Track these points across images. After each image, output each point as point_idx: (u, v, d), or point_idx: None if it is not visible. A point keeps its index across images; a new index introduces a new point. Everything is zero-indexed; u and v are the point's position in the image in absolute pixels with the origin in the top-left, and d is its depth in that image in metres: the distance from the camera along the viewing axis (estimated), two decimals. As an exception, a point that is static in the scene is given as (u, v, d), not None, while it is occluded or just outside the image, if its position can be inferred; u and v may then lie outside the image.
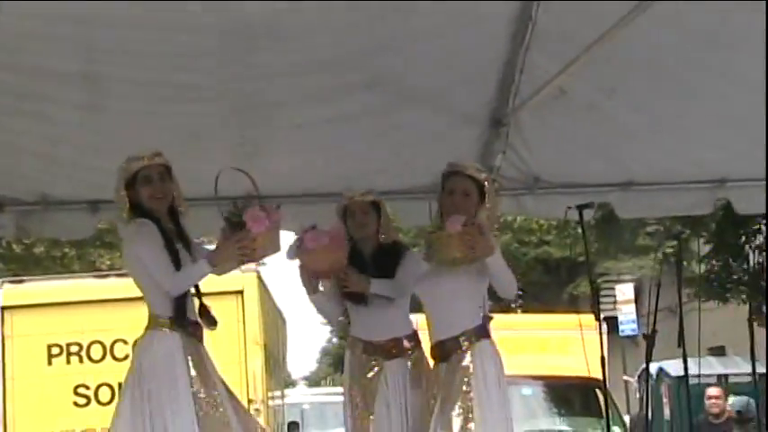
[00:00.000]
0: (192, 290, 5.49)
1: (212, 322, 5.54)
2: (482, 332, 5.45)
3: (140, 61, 6.24)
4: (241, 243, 5.20)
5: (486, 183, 5.53)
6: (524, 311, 25.38)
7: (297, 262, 5.93)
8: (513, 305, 27.77)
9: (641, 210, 8.30)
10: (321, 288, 6.05)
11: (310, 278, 5.91)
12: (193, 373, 5.24)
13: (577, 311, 9.22)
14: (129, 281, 13.99)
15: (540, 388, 13.17)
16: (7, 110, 6.63)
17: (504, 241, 25.03)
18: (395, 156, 7.33)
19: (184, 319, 5.32)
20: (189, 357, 5.27)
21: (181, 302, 5.30)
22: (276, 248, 5.40)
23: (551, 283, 25.27)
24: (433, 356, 5.51)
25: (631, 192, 7.75)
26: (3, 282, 12.65)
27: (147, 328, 5.38)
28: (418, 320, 15.19)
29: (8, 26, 5.84)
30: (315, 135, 7.01)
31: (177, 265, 5.25)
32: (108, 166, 7.11)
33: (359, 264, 5.94)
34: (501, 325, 12.49)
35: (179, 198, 5.54)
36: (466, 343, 5.37)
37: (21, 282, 13.06)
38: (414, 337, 6.04)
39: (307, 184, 7.42)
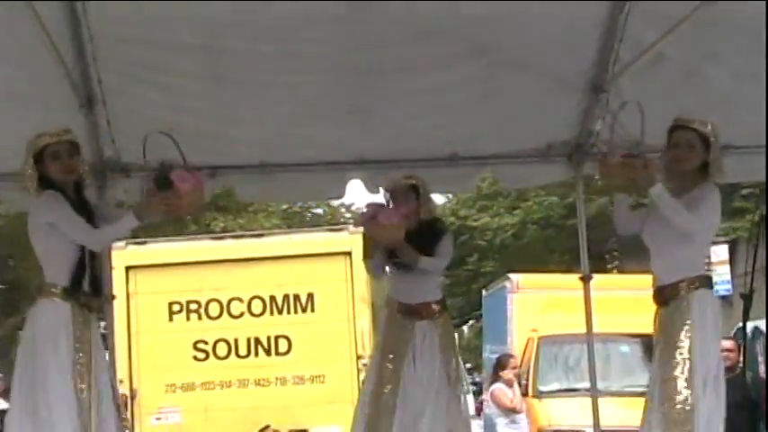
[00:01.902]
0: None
1: (97, 293, 5.59)
2: (704, 281, 5.46)
3: (256, 33, 6.31)
4: (168, 200, 5.38)
5: (710, 135, 5.57)
6: (620, 272, 25.11)
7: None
8: (609, 266, 27.54)
9: (739, 174, 8.11)
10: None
11: (373, 245, 6.61)
12: (78, 342, 5.28)
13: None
14: (245, 242, 14.32)
15: (637, 345, 13.06)
16: (135, 80, 6.78)
17: (598, 204, 24.80)
18: (498, 121, 7.29)
19: (79, 289, 5.37)
20: (75, 327, 5.30)
21: (77, 273, 5.36)
22: (199, 207, 5.83)
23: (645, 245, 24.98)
24: (655, 301, 5.60)
25: (730, 155, 7.59)
26: (126, 243, 12.89)
27: (40, 296, 5.40)
28: (519, 280, 15.19)
29: (130, 2, 5.95)
30: (422, 102, 7.01)
31: None
32: (226, 133, 7.27)
33: None
34: (598, 285, 12.42)
35: (85, 173, 5.65)
36: (685, 290, 5.37)
37: (143, 243, 13.30)
38: (441, 302, 6.71)
39: (414, 149, 7.44)
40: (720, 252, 21.68)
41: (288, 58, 6.54)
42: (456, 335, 8.17)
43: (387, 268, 6.82)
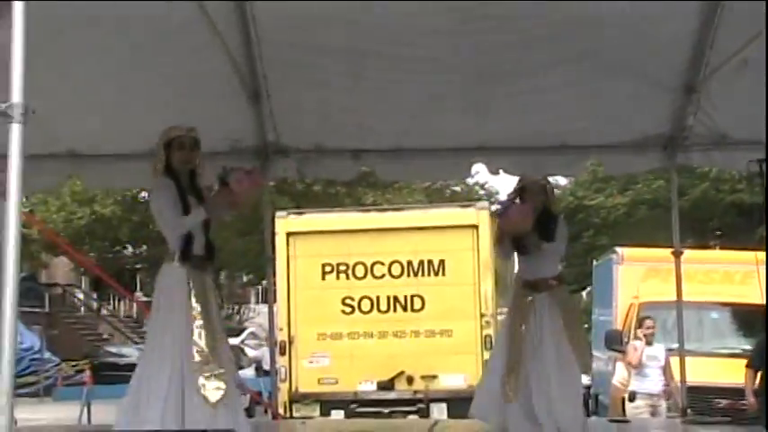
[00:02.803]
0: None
1: (210, 257, 5.74)
2: None
3: (394, 39, 6.46)
4: (228, 198, 5.56)
5: None
6: (722, 248, 24.60)
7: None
8: (711, 243, 27.01)
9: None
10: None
11: (504, 237, 6.82)
12: (194, 299, 5.49)
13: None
14: (387, 215, 14.53)
15: (726, 313, 12.93)
16: (293, 77, 7.02)
17: (701, 189, 24.35)
18: (600, 116, 7.33)
19: (190, 253, 5.55)
20: (191, 286, 5.51)
21: (188, 241, 5.54)
22: (255, 199, 6.03)
23: (744, 225, 24.41)
24: None
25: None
26: (288, 213, 13.28)
27: (164, 262, 5.65)
28: (623, 252, 14.87)
29: (290, 11, 6.17)
30: (533, 99, 7.09)
31: (187, 212, 5.53)
32: (368, 122, 7.46)
33: None
34: (694, 258, 12.31)
35: (200, 164, 5.77)
36: None
37: (301, 213, 13.68)
38: (558, 277, 6.82)
39: (525, 139, 7.52)
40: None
41: (420, 61, 6.68)
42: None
43: (514, 253, 6.98)
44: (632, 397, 11.16)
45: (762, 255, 8.78)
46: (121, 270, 32.07)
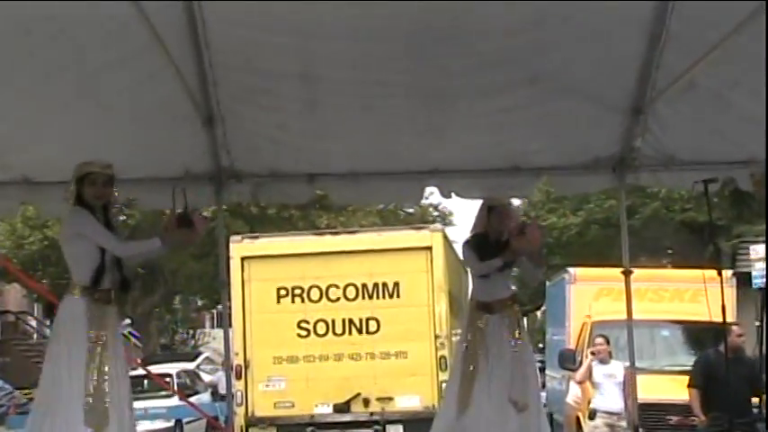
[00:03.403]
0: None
1: (126, 289, 5.82)
2: None
3: (345, 64, 6.47)
4: (188, 237, 5.69)
5: None
6: (674, 267, 24.88)
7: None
8: (664, 261, 27.31)
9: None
10: None
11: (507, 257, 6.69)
12: (92, 330, 5.51)
13: (718, 267, 9.09)
14: (341, 238, 14.57)
15: (677, 330, 13.13)
16: (247, 102, 7.01)
17: (653, 208, 24.66)
18: (551, 138, 7.41)
19: (97, 287, 5.57)
20: (90, 318, 5.52)
21: (98, 274, 5.58)
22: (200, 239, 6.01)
23: (695, 243, 24.72)
24: None
25: (756, 167, 7.62)
26: (242, 238, 13.26)
27: (66, 293, 5.67)
28: (575, 272, 14.95)
29: (243, 37, 6.20)
30: (486, 122, 7.13)
31: None
32: (321, 146, 7.49)
33: (486, 246, 6.79)
34: (645, 277, 12.47)
35: (114, 201, 5.91)
36: None
37: (256, 237, 13.69)
38: (512, 297, 6.86)
39: (480, 161, 7.58)
40: (759, 250, 21.40)
41: (372, 85, 6.69)
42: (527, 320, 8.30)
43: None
44: (592, 415, 11.26)
45: (709, 273, 8.91)
46: (75, 296, 31.75)
